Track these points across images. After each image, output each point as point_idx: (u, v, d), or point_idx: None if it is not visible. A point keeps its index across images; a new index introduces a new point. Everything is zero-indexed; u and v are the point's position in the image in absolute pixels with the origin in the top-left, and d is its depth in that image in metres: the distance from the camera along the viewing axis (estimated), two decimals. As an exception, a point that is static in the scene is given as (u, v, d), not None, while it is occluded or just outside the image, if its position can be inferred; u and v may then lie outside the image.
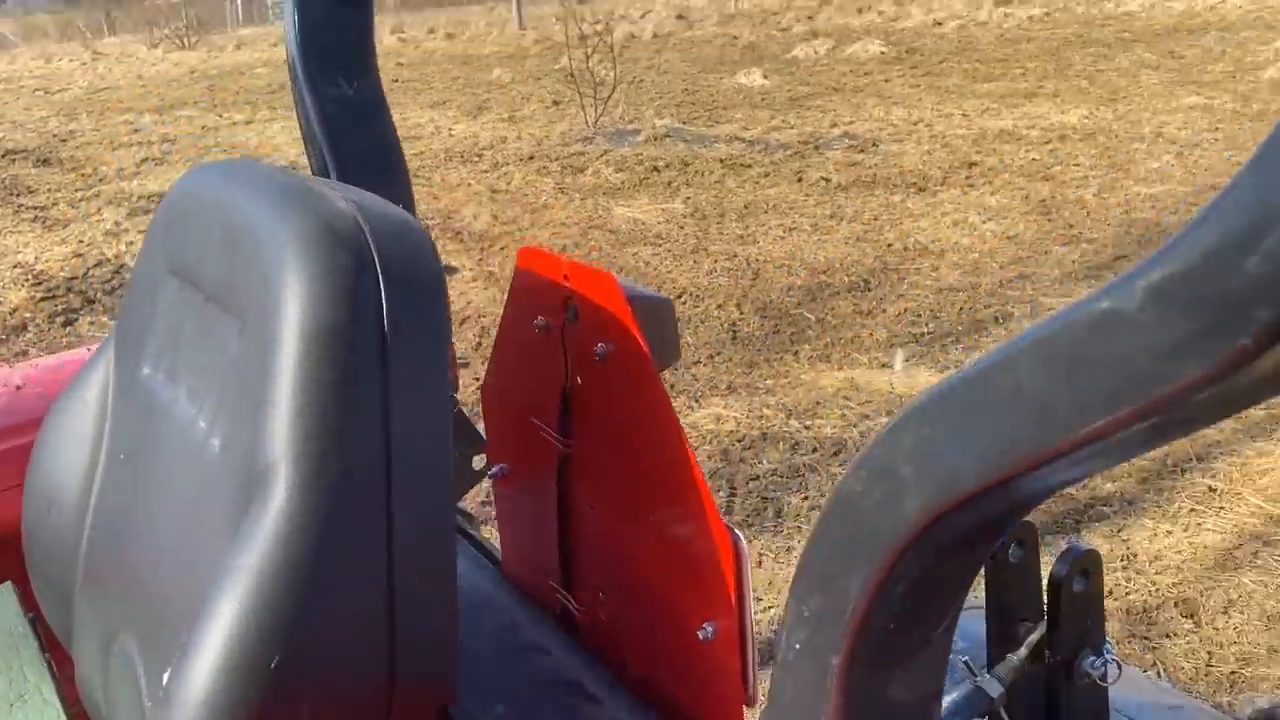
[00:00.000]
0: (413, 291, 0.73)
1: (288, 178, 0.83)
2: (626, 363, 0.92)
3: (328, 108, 1.15)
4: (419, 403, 0.73)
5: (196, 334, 0.86)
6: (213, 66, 20.41)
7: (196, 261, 0.87)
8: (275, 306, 0.71)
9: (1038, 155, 6.74)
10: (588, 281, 0.95)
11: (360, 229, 0.73)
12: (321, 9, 1.16)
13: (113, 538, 0.94)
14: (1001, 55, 12.26)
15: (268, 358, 0.70)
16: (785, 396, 3.45)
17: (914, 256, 4.91)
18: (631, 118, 9.45)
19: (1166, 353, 0.34)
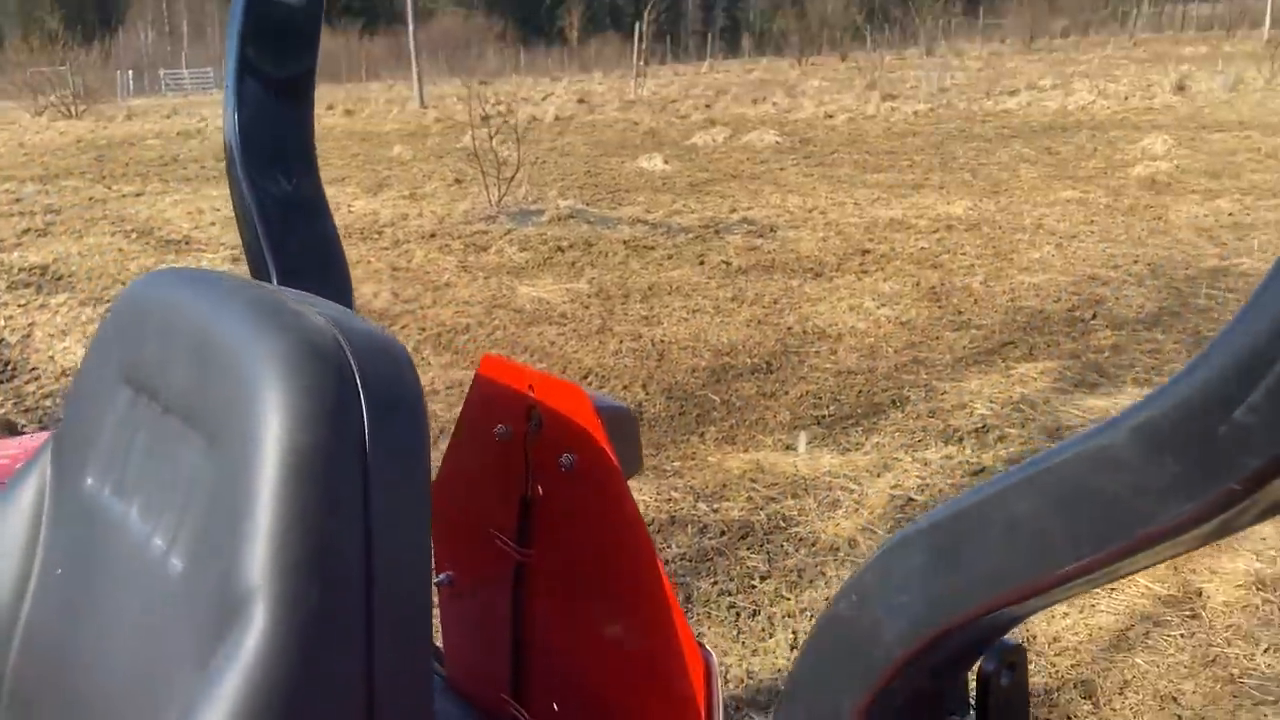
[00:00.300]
0: (394, 412, 0.71)
1: (257, 290, 0.80)
2: (594, 473, 0.91)
3: (267, 203, 1.12)
4: (400, 525, 0.71)
5: (152, 447, 0.82)
6: (101, 136, 19.89)
7: (155, 372, 0.83)
8: (253, 426, 0.68)
9: (927, 244, 7.03)
10: (553, 392, 0.95)
11: (340, 347, 0.71)
12: (261, 103, 1.14)
13: (47, 658, 0.87)
14: (889, 148, 12.83)
15: (244, 479, 0.67)
16: (692, 479, 3.46)
17: (813, 339, 5.03)
18: (535, 198, 9.54)
19: (1158, 493, 0.36)
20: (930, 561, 0.45)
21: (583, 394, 0.91)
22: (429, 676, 0.76)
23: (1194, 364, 0.35)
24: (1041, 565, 0.40)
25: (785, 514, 3.17)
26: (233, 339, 0.74)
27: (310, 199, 1.17)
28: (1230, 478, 0.34)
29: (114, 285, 6.66)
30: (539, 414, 0.98)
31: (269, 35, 1.16)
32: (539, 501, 1.00)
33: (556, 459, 0.95)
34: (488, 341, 5.18)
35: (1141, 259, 6.31)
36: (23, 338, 5.47)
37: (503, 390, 1.02)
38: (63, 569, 0.88)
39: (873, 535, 3.02)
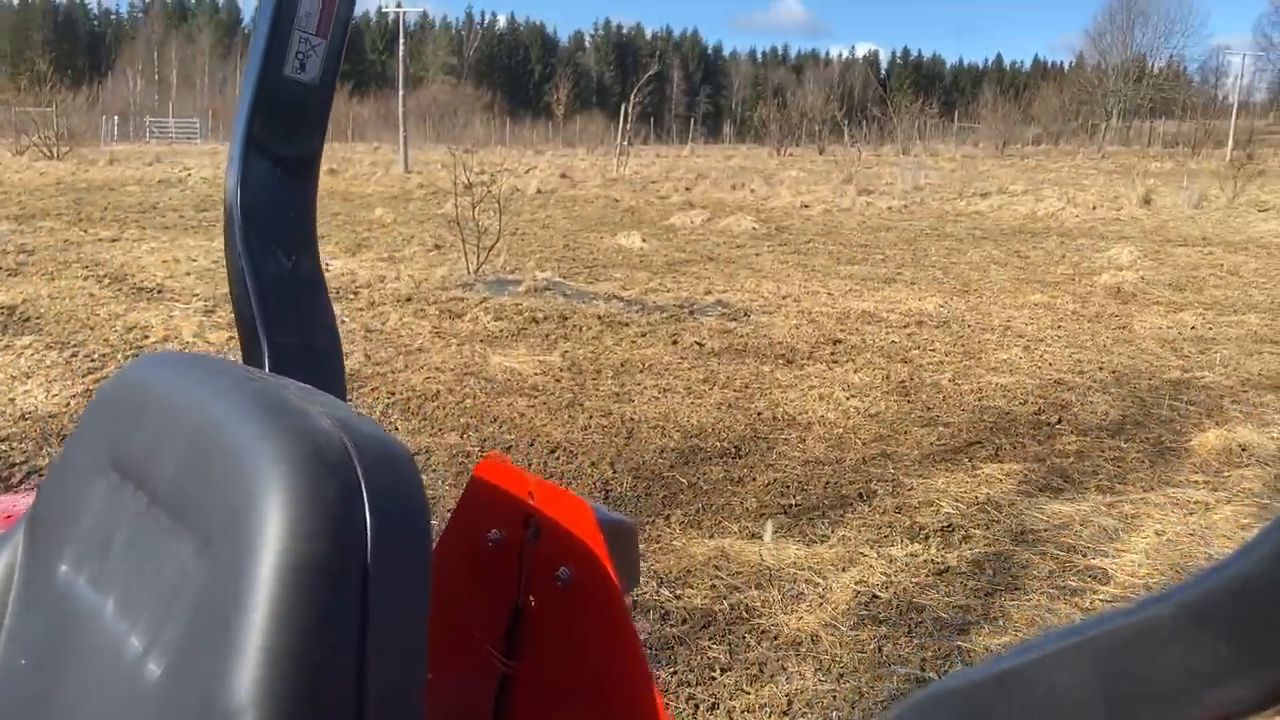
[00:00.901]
0: (399, 523, 0.69)
1: (259, 383, 0.78)
2: (592, 590, 0.88)
3: (264, 280, 1.11)
4: (399, 644, 0.68)
5: (136, 541, 0.78)
6: (81, 179, 19.83)
7: (146, 460, 0.80)
8: (251, 532, 0.65)
9: (898, 338, 7.12)
10: (556, 502, 0.92)
11: (348, 455, 0.69)
12: (264, 178, 1.13)
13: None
14: (864, 241, 13.06)
15: (237, 588, 0.64)
16: (656, 563, 3.42)
17: (783, 426, 5.05)
18: (513, 268, 9.59)
19: (1208, 677, 0.34)
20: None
21: (586, 507, 0.89)
22: None
23: (1253, 541, 0.34)
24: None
25: (749, 604, 3.14)
26: (234, 437, 0.72)
27: (308, 278, 1.17)
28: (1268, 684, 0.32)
29: (82, 330, 6.58)
30: (537, 523, 0.95)
31: (279, 113, 1.16)
32: (531, 613, 0.97)
33: (553, 571, 0.92)
34: (457, 409, 5.15)
35: (1107, 366, 6.42)
36: (-17, 378, 5.37)
37: (501, 494, 0.99)
38: (29, 657, 0.84)
39: (836, 631, 2.99)
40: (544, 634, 0.97)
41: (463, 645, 1.06)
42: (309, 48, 1.14)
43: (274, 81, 1.15)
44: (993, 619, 3.06)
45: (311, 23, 1.14)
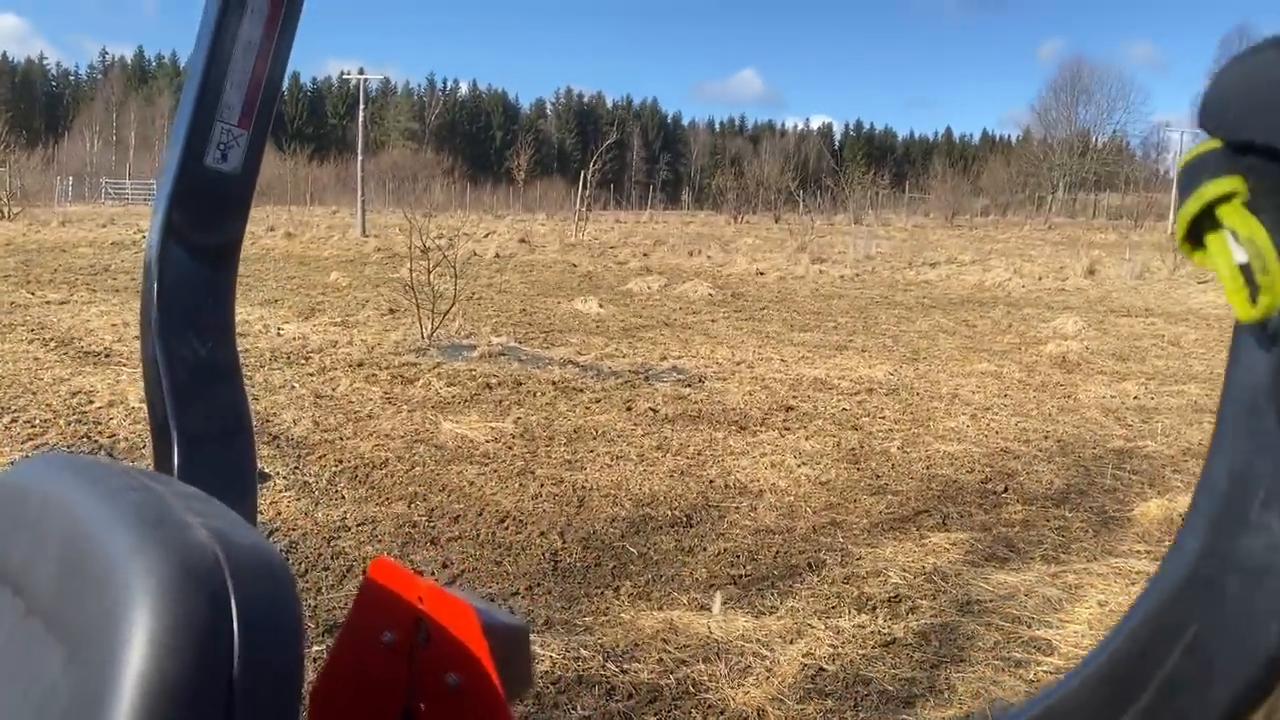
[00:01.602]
0: (270, 637, 0.69)
1: (144, 493, 0.78)
2: (478, 696, 0.89)
3: (178, 368, 1.11)
4: None
5: (8, 650, 0.76)
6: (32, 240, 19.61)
7: (23, 568, 0.79)
8: (116, 649, 0.64)
9: (848, 405, 7.19)
10: (444, 608, 0.93)
11: (220, 570, 0.68)
12: (183, 268, 1.13)
13: None
14: (816, 308, 13.25)
15: (99, 704, 0.64)
16: (603, 636, 3.39)
17: (734, 495, 5.06)
18: (468, 333, 9.58)
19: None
20: None
21: (472, 613, 0.89)
22: None
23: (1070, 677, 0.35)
24: None
25: (696, 678, 3.11)
26: (107, 548, 0.71)
27: (223, 366, 1.16)
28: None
29: (24, 394, 6.45)
30: (427, 627, 0.95)
31: (199, 202, 1.16)
32: (421, 717, 0.96)
33: (442, 676, 0.92)
34: (406, 477, 5.10)
35: (1052, 435, 6.53)
36: (-83, 444, 5.24)
37: (392, 597, 0.99)
38: None
39: (782, 705, 2.97)
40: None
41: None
42: (231, 138, 1.15)
43: (195, 171, 1.15)
44: (938, 691, 3.06)
45: (234, 114, 1.15)
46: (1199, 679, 0.32)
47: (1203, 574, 0.33)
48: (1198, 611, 0.32)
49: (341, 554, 4.03)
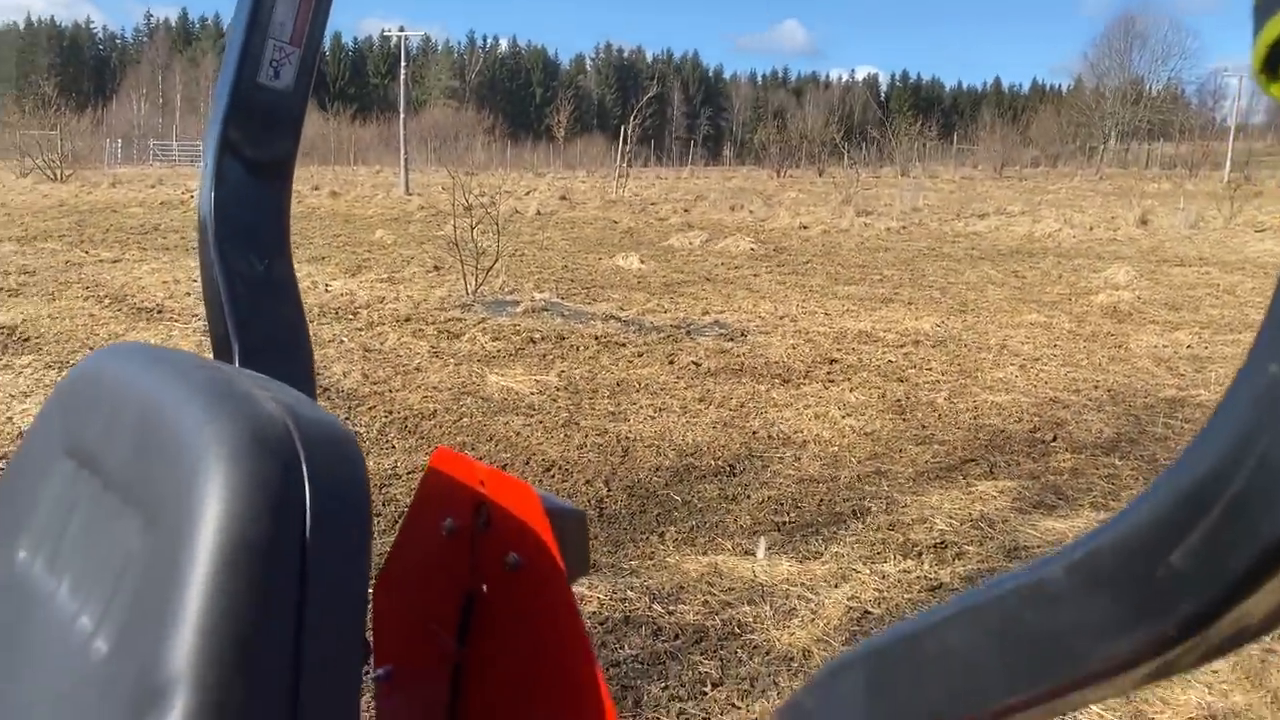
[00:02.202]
0: (339, 507, 0.71)
1: (212, 371, 0.80)
2: (538, 574, 0.91)
3: (236, 283, 1.13)
4: (334, 622, 0.70)
5: (89, 524, 0.80)
6: (84, 201, 19.94)
7: (100, 447, 0.82)
8: (192, 512, 0.67)
9: (894, 357, 7.14)
10: (504, 489, 0.95)
11: (290, 437, 0.71)
12: (238, 183, 1.16)
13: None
14: (861, 262, 13.11)
15: (178, 564, 0.67)
16: (649, 579, 3.43)
17: (778, 445, 5.06)
18: (511, 289, 9.63)
19: (1093, 632, 0.36)
20: (865, 688, 0.45)
21: (533, 493, 0.91)
22: None
23: (1134, 505, 0.35)
24: (973, 701, 0.40)
25: (741, 620, 3.15)
26: (180, 420, 0.74)
27: (281, 282, 1.18)
28: (1165, 621, 0.34)
29: (81, 350, 6.61)
30: (488, 511, 0.97)
31: (253, 118, 1.18)
32: (482, 599, 0.99)
33: (502, 557, 0.94)
34: (454, 428, 5.17)
35: (1102, 385, 6.44)
36: (-18, 397, 5.40)
37: (453, 484, 1.01)
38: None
39: (827, 647, 3.00)
40: (494, 619, 0.99)
41: (421, 636, 1.07)
42: (283, 55, 1.17)
43: (248, 88, 1.17)
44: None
45: (286, 31, 1.17)
46: (1269, 493, 0.32)
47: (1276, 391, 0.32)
48: (1269, 425, 0.32)
49: (393, 500, 4.11)
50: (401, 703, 1.16)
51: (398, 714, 1.17)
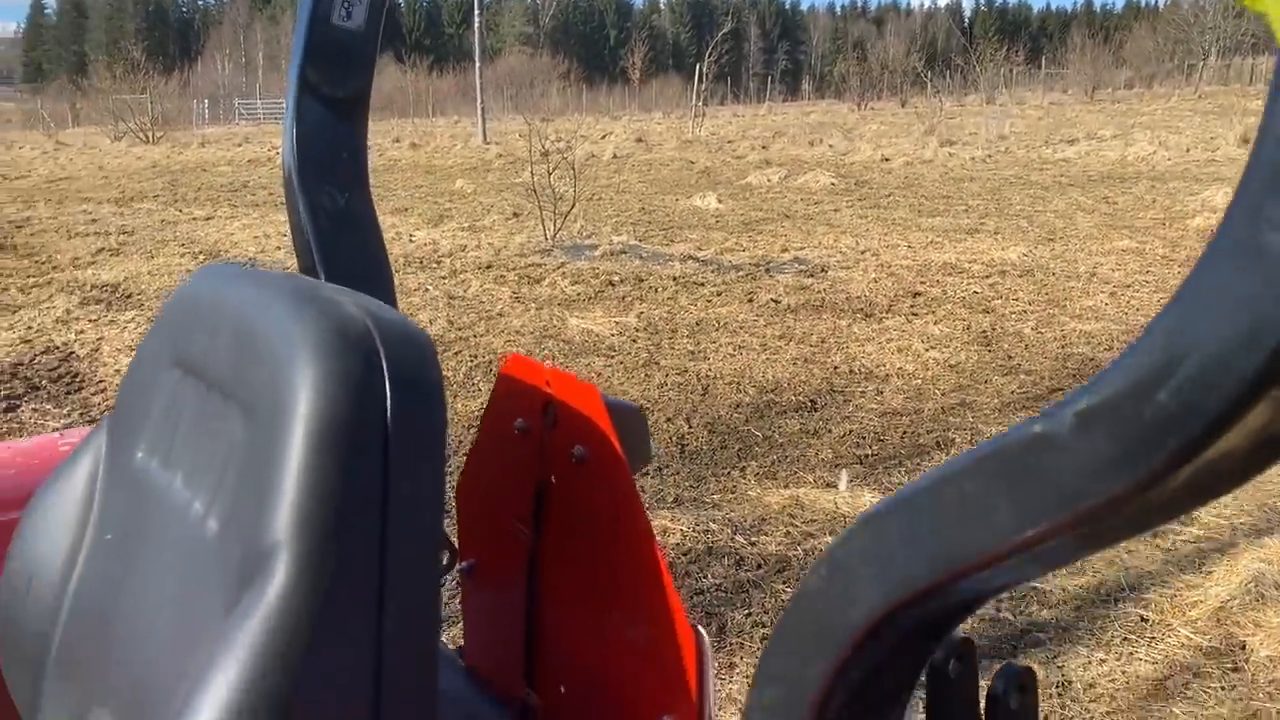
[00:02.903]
0: (416, 397, 0.78)
1: (297, 282, 0.88)
2: (602, 464, 0.97)
3: (319, 216, 1.21)
4: (416, 499, 0.77)
5: (196, 423, 0.89)
6: (175, 162, 20.55)
7: (202, 355, 0.91)
8: (284, 402, 0.75)
9: (979, 288, 7.00)
10: (568, 389, 1.01)
11: (370, 334, 0.78)
12: (317, 121, 1.22)
13: (94, 616, 0.95)
14: (946, 192, 12.80)
15: (274, 449, 0.74)
16: (731, 511, 3.48)
17: (860, 380, 5.04)
18: (589, 233, 9.67)
19: (1091, 471, 0.39)
20: (891, 536, 0.49)
21: (595, 391, 0.97)
22: (435, 637, 0.82)
23: (1126, 353, 0.39)
24: (988, 540, 0.44)
25: (823, 550, 3.18)
26: (270, 323, 0.82)
27: (360, 213, 1.25)
28: (1155, 456, 0.37)
29: (180, 305, 6.88)
30: (554, 409, 1.04)
31: (328, 58, 1.24)
32: (552, 491, 1.06)
33: (569, 451, 1.01)
34: (537, 371, 5.26)
35: (1198, 311, 6.23)
36: (91, 351, 5.68)
37: (523, 387, 1.09)
38: (115, 533, 0.96)
39: (910, 574, 3.02)
40: (564, 509, 1.06)
41: (500, 530, 1.15)
42: None
43: (322, 29, 1.23)
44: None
45: None
46: (1246, 333, 0.35)
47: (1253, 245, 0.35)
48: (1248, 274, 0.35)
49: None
50: (485, 593, 1.24)
51: (482, 604, 1.25)
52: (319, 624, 0.72)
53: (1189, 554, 3.13)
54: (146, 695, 0.82)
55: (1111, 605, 2.85)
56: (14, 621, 1.03)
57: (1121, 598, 2.89)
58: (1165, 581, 2.98)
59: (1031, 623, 2.76)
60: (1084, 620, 2.78)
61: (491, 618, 1.24)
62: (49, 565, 1.00)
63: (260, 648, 0.70)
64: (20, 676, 1.03)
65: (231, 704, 0.69)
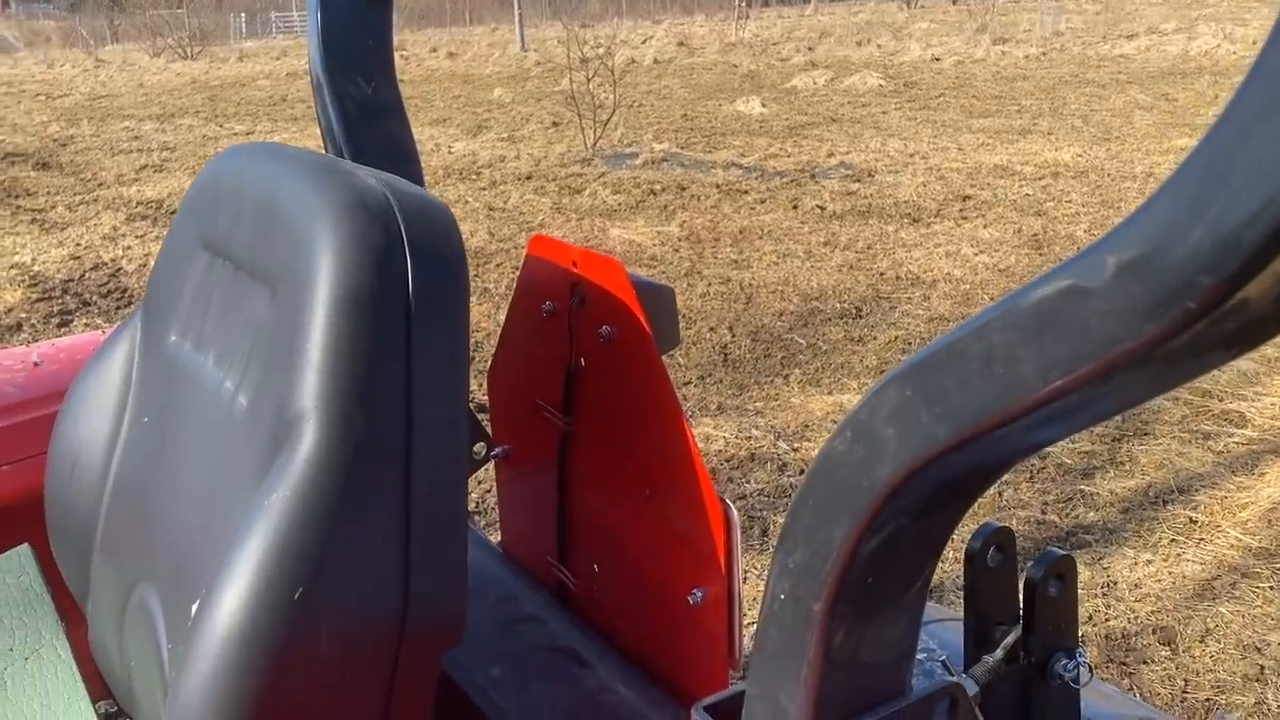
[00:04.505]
0: (437, 265, 0.78)
1: (317, 157, 0.88)
2: (629, 344, 0.97)
3: (346, 105, 1.19)
4: (438, 365, 0.78)
5: (225, 303, 0.90)
6: (214, 77, 20.49)
7: (228, 235, 0.92)
8: (307, 273, 0.76)
9: (1031, 191, 6.83)
10: (595, 267, 1.00)
11: (389, 204, 0.78)
12: (342, 10, 1.20)
13: (134, 496, 0.97)
14: (998, 92, 12.40)
15: (299, 320, 0.75)
16: (774, 419, 3.48)
17: (906, 286, 4.97)
18: (630, 141, 9.54)
19: (1121, 315, 0.38)
20: (916, 395, 0.47)
21: (621, 269, 0.95)
22: (462, 497, 0.83)
23: (1158, 193, 0.37)
24: (1013, 393, 0.43)
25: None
26: (292, 198, 0.82)
27: (388, 103, 1.23)
28: (1187, 297, 0.36)
29: (225, 220, 6.93)
30: (582, 289, 1.04)
31: None
32: (581, 373, 1.07)
33: (597, 331, 1.00)
34: (579, 280, 5.25)
35: (1260, 210, 6.03)
36: (139, 267, 5.75)
37: (550, 268, 1.08)
38: (150, 415, 0.98)
39: (954, 478, 3.00)
40: (593, 390, 1.06)
41: (531, 414, 1.16)
42: None
43: None
44: (1119, 464, 3.01)
45: None
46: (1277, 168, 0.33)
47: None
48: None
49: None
50: (520, 479, 1.26)
51: (517, 490, 1.27)
52: (348, 484, 0.73)
53: (1241, 456, 3.07)
54: (186, 568, 0.85)
55: (1160, 507, 2.83)
56: (62, 507, 1.06)
57: (1171, 500, 2.86)
58: (1216, 484, 2.93)
59: (1078, 524, 2.74)
60: (1131, 522, 2.76)
61: (526, 503, 1.26)
62: (91, 450, 1.03)
63: (290, 509, 0.71)
64: (71, 560, 1.07)
65: (264, 565, 0.71)
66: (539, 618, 1.18)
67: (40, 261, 5.87)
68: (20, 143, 10.98)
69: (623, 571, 1.10)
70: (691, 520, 0.96)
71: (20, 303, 5.09)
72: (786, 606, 0.58)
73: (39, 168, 9.44)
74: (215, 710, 0.71)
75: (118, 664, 0.99)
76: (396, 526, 0.76)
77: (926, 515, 0.55)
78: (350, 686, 0.77)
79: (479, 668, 1.09)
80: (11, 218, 7.21)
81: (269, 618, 0.71)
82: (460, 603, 0.83)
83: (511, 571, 1.27)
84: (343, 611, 0.75)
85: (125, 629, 0.96)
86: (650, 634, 1.08)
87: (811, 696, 0.57)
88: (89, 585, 1.04)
